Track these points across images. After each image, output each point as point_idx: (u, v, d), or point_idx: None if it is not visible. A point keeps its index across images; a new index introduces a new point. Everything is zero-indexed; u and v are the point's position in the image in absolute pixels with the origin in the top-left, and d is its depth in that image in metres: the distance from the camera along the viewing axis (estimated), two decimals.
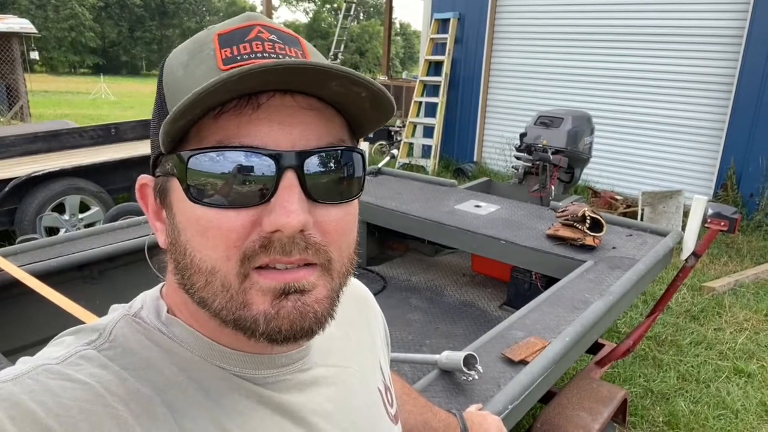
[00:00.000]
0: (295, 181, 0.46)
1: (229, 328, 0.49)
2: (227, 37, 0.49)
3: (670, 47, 6.63)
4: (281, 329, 0.47)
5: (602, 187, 6.93)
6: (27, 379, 0.44)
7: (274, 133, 0.46)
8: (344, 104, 0.49)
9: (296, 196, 0.46)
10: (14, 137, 5.05)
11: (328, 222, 0.49)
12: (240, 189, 0.46)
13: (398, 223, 2.86)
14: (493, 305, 2.92)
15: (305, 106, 0.48)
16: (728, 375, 3.25)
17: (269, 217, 0.45)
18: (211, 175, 0.46)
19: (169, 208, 0.50)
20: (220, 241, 0.46)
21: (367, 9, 47.52)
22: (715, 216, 2.32)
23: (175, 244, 0.50)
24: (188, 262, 0.48)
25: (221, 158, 0.45)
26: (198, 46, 0.50)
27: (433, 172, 8.01)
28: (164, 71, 0.52)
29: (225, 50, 0.48)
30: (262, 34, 0.49)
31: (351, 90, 0.46)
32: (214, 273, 0.47)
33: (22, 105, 10.19)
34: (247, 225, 0.46)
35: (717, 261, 5.04)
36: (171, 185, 0.49)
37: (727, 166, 6.26)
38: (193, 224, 0.47)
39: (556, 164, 4.29)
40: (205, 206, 0.46)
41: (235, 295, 0.47)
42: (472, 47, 8.28)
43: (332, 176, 0.49)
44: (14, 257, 2.03)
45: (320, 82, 0.45)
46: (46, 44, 35.18)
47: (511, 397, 1.32)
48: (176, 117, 0.43)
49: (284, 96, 0.47)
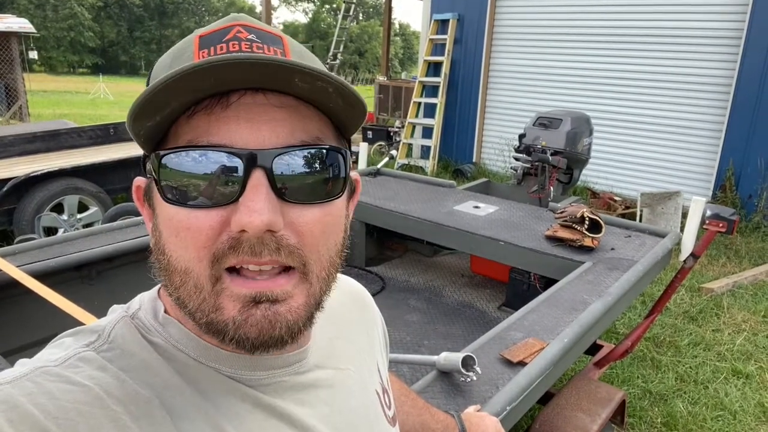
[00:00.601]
0: (263, 180, 0.45)
1: (205, 332, 0.49)
2: (207, 39, 0.49)
3: (670, 49, 6.64)
4: (248, 337, 0.47)
5: (601, 188, 6.94)
6: (25, 381, 0.44)
7: (243, 132, 0.46)
8: (318, 101, 0.48)
9: (262, 195, 0.45)
10: (13, 137, 5.05)
11: (303, 223, 0.48)
12: (209, 189, 0.45)
13: (397, 224, 2.86)
14: (492, 306, 2.92)
15: (277, 103, 0.47)
16: (726, 376, 3.26)
17: (235, 217, 0.45)
18: (181, 175, 0.46)
19: (153, 209, 0.51)
20: (190, 241, 0.46)
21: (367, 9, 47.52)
22: (714, 217, 2.32)
23: (157, 245, 0.50)
24: (166, 262, 0.48)
25: (191, 158, 0.45)
26: (180, 49, 0.50)
27: (432, 172, 8.01)
28: (151, 73, 0.52)
29: (203, 51, 0.48)
30: (240, 34, 0.48)
31: (315, 85, 0.46)
32: (188, 273, 0.47)
33: (21, 105, 10.17)
34: (216, 225, 0.46)
35: (715, 262, 5.05)
36: (153, 186, 0.50)
37: (725, 167, 6.27)
38: (167, 224, 0.47)
39: (555, 165, 4.29)
40: (176, 206, 0.46)
41: (208, 297, 0.47)
42: (471, 48, 8.29)
43: (306, 176, 0.48)
44: (12, 257, 2.02)
45: (285, 78, 0.45)
46: (45, 44, 35.15)
47: (509, 399, 1.32)
48: (134, 115, 0.44)
49: (255, 94, 0.46)
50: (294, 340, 0.49)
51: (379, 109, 11.35)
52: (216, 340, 0.49)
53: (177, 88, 0.42)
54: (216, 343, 0.52)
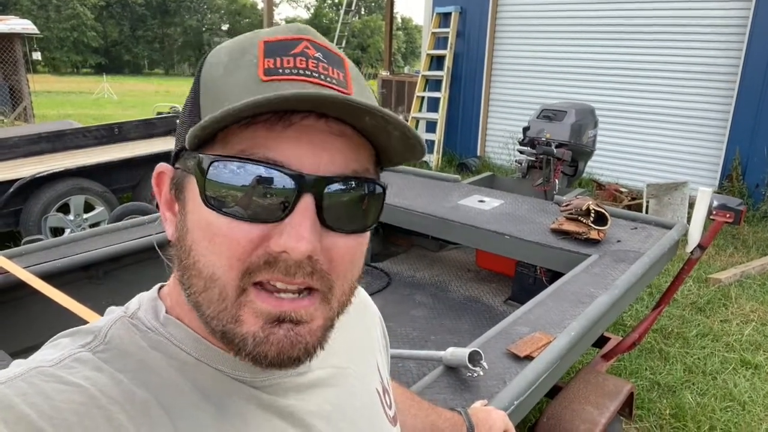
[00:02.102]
0: (312, 205, 0.45)
1: (218, 339, 0.49)
2: (273, 47, 0.48)
3: (674, 38, 6.59)
4: (268, 355, 0.46)
5: (607, 180, 6.91)
6: (20, 381, 0.44)
7: (301, 154, 0.46)
8: (375, 137, 0.49)
9: (309, 221, 0.45)
10: (18, 138, 5.07)
11: (338, 250, 0.48)
12: (255, 203, 0.45)
13: (402, 219, 2.85)
14: (498, 300, 2.92)
15: (337, 132, 0.47)
16: (735, 367, 3.24)
17: (279, 238, 0.45)
18: (229, 185, 0.45)
19: (183, 204, 0.50)
20: (225, 249, 0.46)
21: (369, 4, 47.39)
22: (721, 208, 2.31)
23: (181, 241, 0.50)
24: (191, 263, 0.48)
25: (242, 168, 0.45)
26: (241, 49, 0.49)
27: (436, 167, 7.99)
28: (203, 68, 0.51)
29: (268, 60, 0.47)
30: (308, 50, 0.48)
31: (384, 127, 0.46)
32: (214, 280, 0.46)
33: (26, 106, 10.21)
34: (255, 240, 0.45)
35: (723, 252, 5.02)
36: (188, 182, 0.49)
37: (732, 156, 6.22)
38: (202, 227, 0.47)
39: (560, 158, 4.27)
40: (217, 212, 0.46)
41: (230, 306, 0.46)
42: (474, 41, 8.25)
43: (351, 205, 0.48)
44: (19, 258, 2.03)
45: (355, 114, 0.45)
46: (49, 44, 35.28)
47: (516, 393, 1.32)
48: (205, 126, 0.43)
49: (318, 120, 0.46)
50: (309, 360, 0.49)
51: (383, 104, 11.33)
52: (227, 347, 0.48)
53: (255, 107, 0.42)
54: (219, 344, 0.51)
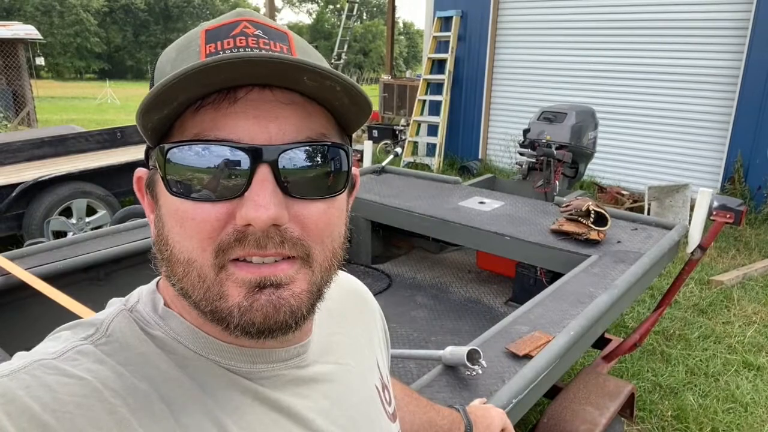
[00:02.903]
0: (269, 175, 0.46)
1: (209, 321, 0.49)
2: (213, 33, 0.49)
3: (675, 41, 6.60)
4: (254, 322, 0.47)
5: (608, 183, 6.90)
6: (23, 374, 0.44)
7: (250, 127, 0.46)
8: (324, 99, 0.49)
9: (268, 190, 0.46)
10: (21, 142, 5.09)
11: (308, 217, 0.49)
12: (215, 182, 0.46)
13: (403, 221, 2.86)
14: (499, 301, 2.92)
15: (284, 100, 0.48)
16: (737, 368, 3.23)
17: (240, 211, 0.46)
18: (187, 168, 0.46)
19: (156, 200, 0.51)
20: (195, 232, 0.47)
21: (370, 9, 47.52)
22: (721, 208, 2.31)
23: (159, 236, 0.50)
24: (169, 253, 0.49)
25: (197, 152, 0.46)
26: (186, 42, 0.51)
27: (437, 170, 8.00)
28: (156, 67, 0.53)
29: (209, 45, 0.48)
30: (247, 29, 0.49)
31: (324, 84, 0.46)
32: (191, 264, 0.47)
33: (29, 111, 10.24)
34: (221, 218, 0.46)
35: (725, 254, 5.01)
36: (156, 178, 0.50)
37: (734, 159, 6.22)
38: (172, 215, 0.48)
39: (560, 159, 4.27)
40: (181, 198, 0.47)
41: (212, 286, 0.47)
42: (475, 44, 8.27)
43: (311, 171, 0.48)
44: (21, 260, 2.04)
45: (293, 76, 0.45)
46: (52, 50, 35.43)
47: (515, 392, 1.32)
48: (144, 108, 0.44)
49: (263, 90, 0.47)
50: (298, 326, 0.49)
51: (384, 107, 11.33)
52: (220, 328, 0.49)
53: (187, 83, 0.43)
54: (217, 334, 0.52)
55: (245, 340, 0.51)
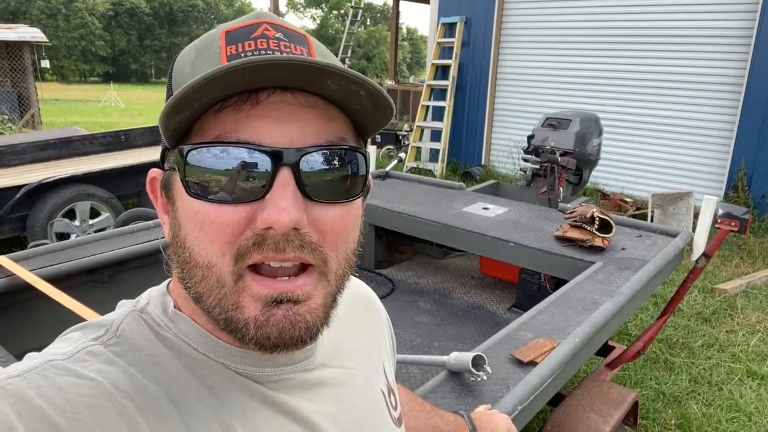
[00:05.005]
0: (290, 179, 0.46)
1: (221, 329, 0.49)
2: (234, 35, 0.49)
3: (679, 48, 6.60)
4: (270, 337, 0.47)
5: (612, 190, 6.89)
6: (34, 374, 0.44)
7: (272, 130, 0.46)
8: (345, 103, 0.49)
9: (290, 194, 0.45)
10: (25, 144, 5.11)
11: (326, 221, 0.48)
12: (236, 184, 0.46)
13: (406, 226, 2.85)
14: (502, 307, 2.91)
15: (305, 103, 0.47)
16: (741, 377, 3.22)
17: (262, 214, 0.45)
18: (208, 170, 0.46)
19: (173, 202, 0.51)
20: (216, 236, 0.46)
21: (374, 15, 47.68)
22: (726, 216, 2.30)
23: (176, 238, 0.50)
24: (187, 255, 0.48)
25: (217, 153, 0.46)
26: (206, 43, 0.51)
27: (440, 175, 8.00)
28: (174, 67, 0.53)
29: (230, 47, 0.48)
30: (268, 32, 0.49)
31: (348, 88, 0.46)
32: (210, 268, 0.47)
33: (33, 113, 10.29)
34: (242, 221, 0.46)
35: (729, 263, 4.99)
36: (174, 179, 0.50)
37: (737, 167, 6.21)
38: (191, 218, 0.47)
39: (564, 166, 4.27)
40: (201, 200, 0.46)
41: (229, 293, 0.47)
42: (479, 50, 8.28)
43: (330, 175, 0.48)
44: (26, 261, 2.04)
45: (317, 80, 0.45)
46: (57, 53, 35.60)
47: (519, 398, 1.32)
48: (169, 111, 0.44)
49: (284, 93, 0.47)
50: (312, 341, 0.49)
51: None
52: (232, 337, 0.49)
53: (211, 85, 0.42)
54: (226, 338, 0.52)
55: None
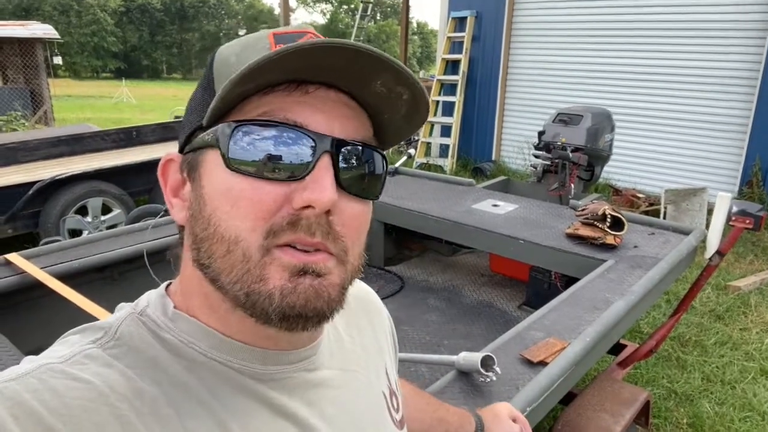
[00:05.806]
0: (330, 165, 0.48)
1: (238, 311, 0.49)
2: (281, 37, 0.53)
3: (692, 41, 6.51)
4: (296, 305, 0.47)
5: (624, 185, 6.83)
6: (30, 378, 0.44)
7: (318, 118, 0.49)
8: (379, 109, 0.52)
9: (330, 177, 0.48)
10: (38, 141, 5.16)
11: (350, 214, 0.51)
12: (278, 163, 0.48)
13: (416, 223, 2.84)
14: (512, 305, 2.89)
15: (347, 102, 0.51)
16: (755, 376, 3.18)
17: (302, 193, 0.47)
18: (253, 146, 0.48)
19: (197, 181, 0.52)
20: (250, 211, 0.47)
21: (384, 9, 47.57)
22: (740, 213, 2.27)
23: (196, 217, 0.51)
24: (211, 232, 0.49)
25: (266, 130, 0.48)
26: (253, 41, 0.54)
27: (450, 171, 7.97)
28: (215, 59, 0.55)
29: (279, 45, 0.51)
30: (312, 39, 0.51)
31: (393, 90, 0.50)
32: (237, 242, 0.48)
33: (46, 109, 10.37)
34: (278, 199, 0.48)
35: (742, 260, 4.93)
36: (204, 158, 0.51)
37: (752, 162, 6.12)
38: (224, 193, 0.48)
39: (576, 162, 4.23)
40: (241, 175, 0.48)
41: (253, 268, 0.47)
42: (489, 45, 8.23)
43: (361, 171, 0.51)
44: (37, 259, 2.06)
45: (366, 78, 0.48)
46: (69, 49, 35.91)
47: (529, 399, 1.30)
48: (238, 79, 0.45)
49: (329, 90, 0.50)
50: (329, 318, 0.50)
51: None
52: (249, 311, 0.48)
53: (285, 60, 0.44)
54: (231, 333, 0.52)
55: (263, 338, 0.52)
